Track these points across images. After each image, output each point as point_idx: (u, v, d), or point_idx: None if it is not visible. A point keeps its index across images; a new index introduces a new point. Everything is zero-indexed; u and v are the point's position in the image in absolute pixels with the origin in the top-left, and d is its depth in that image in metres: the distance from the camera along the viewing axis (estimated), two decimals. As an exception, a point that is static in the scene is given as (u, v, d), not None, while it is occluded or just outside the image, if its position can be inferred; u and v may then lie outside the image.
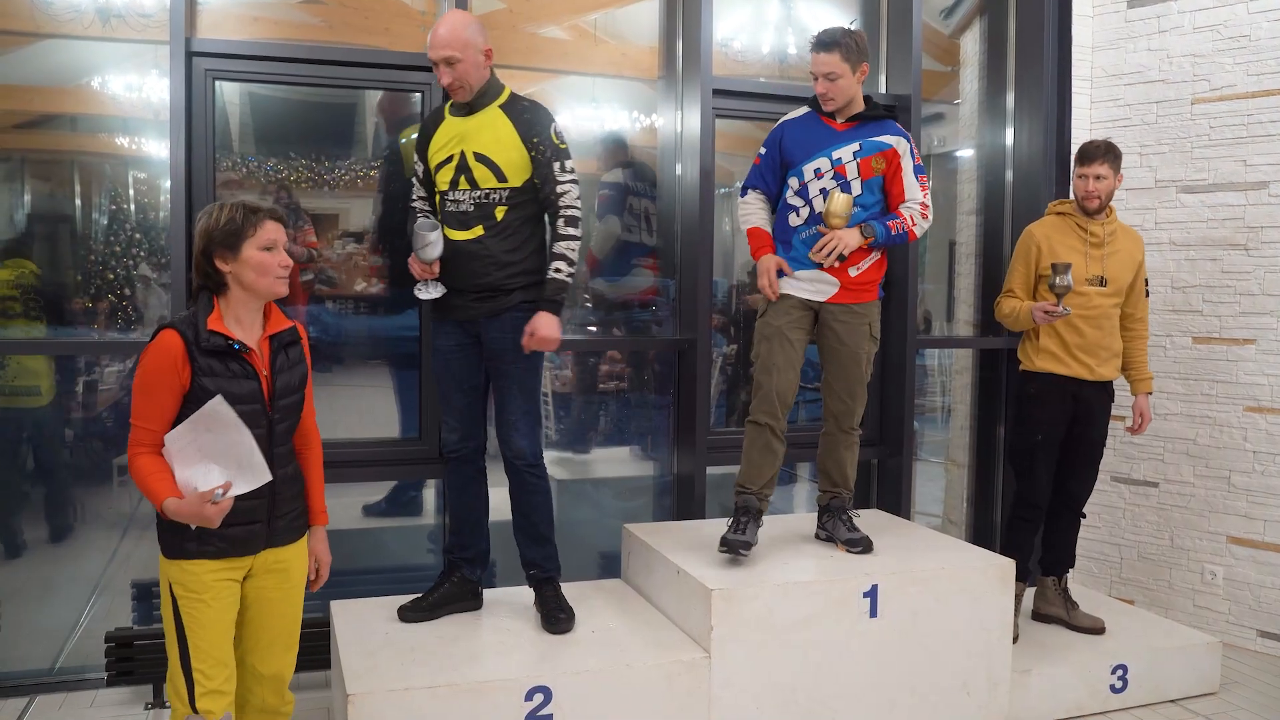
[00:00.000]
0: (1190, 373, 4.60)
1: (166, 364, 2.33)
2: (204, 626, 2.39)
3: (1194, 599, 4.62)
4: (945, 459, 5.35)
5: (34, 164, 4.09)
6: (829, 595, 3.28)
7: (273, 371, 2.48)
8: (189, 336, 2.35)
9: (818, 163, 3.45)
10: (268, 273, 2.42)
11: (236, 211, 2.42)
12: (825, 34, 3.40)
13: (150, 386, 2.35)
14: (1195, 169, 4.57)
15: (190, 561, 2.38)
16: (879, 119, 3.48)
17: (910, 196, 3.49)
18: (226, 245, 2.39)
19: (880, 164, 3.43)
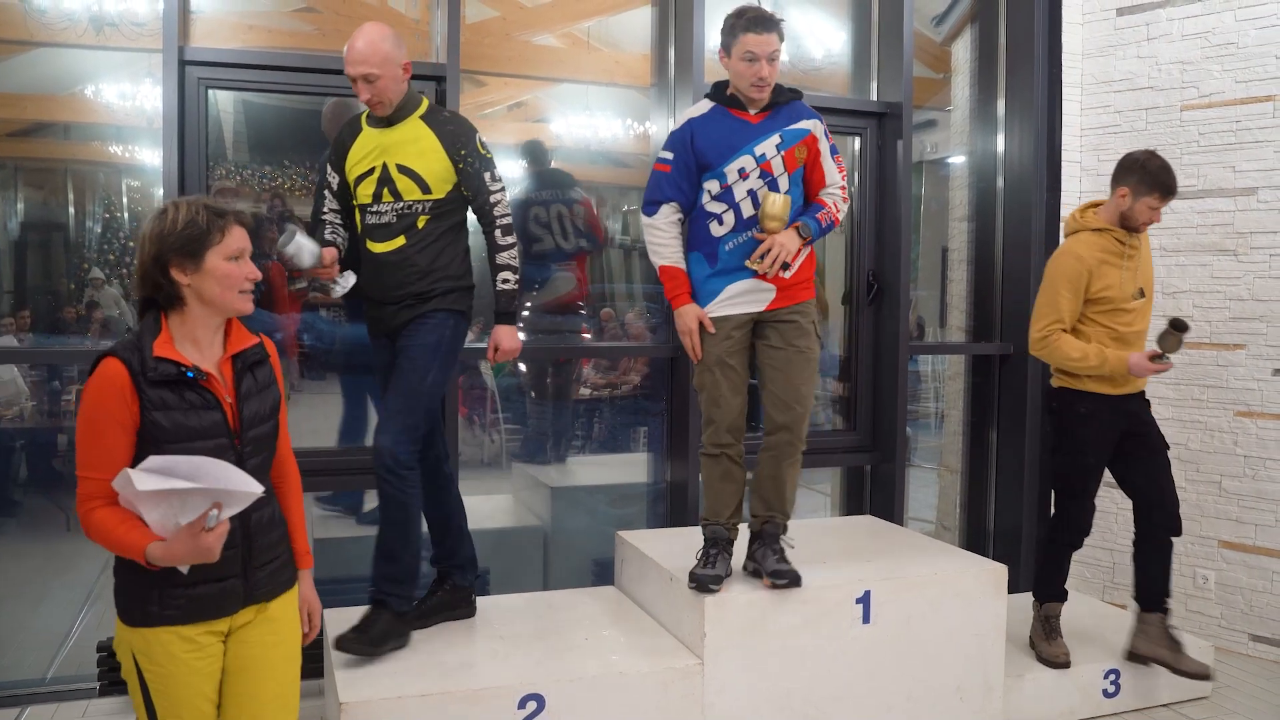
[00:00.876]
0: (1181, 378, 4.62)
1: (111, 399, 1.97)
2: (175, 702, 2.06)
3: (1186, 603, 4.63)
4: (938, 465, 5.36)
5: (27, 172, 4.10)
6: (822, 601, 3.29)
7: (238, 398, 2.11)
8: (134, 365, 1.99)
9: (740, 162, 3.09)
10: (233, 286, 2.07)
11: (199, 213, 2.06)
12: (761, 12, 3.04)
13: (96, 428, 1.98)
14: (1184, 175, 4.59)
15: (154, 629, 2.04)
16: (788, 103, 3.18)
17: (830, 181, 3.22)
18: (186, 253, 2.03)
19: (802, 153, 3.14)
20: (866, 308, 4.72)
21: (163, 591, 2.03)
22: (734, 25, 3.06)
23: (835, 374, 4.97)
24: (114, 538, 1.97)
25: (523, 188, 4.56)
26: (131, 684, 2.11)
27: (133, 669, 2.09)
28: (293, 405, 4.26)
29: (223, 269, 2.05)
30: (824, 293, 5.09)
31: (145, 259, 2.05)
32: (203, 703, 2.10)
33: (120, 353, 2.01)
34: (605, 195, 4.92)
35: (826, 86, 4.93)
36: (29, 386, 4.12)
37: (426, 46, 4.22)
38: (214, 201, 2.11)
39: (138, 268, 2.08)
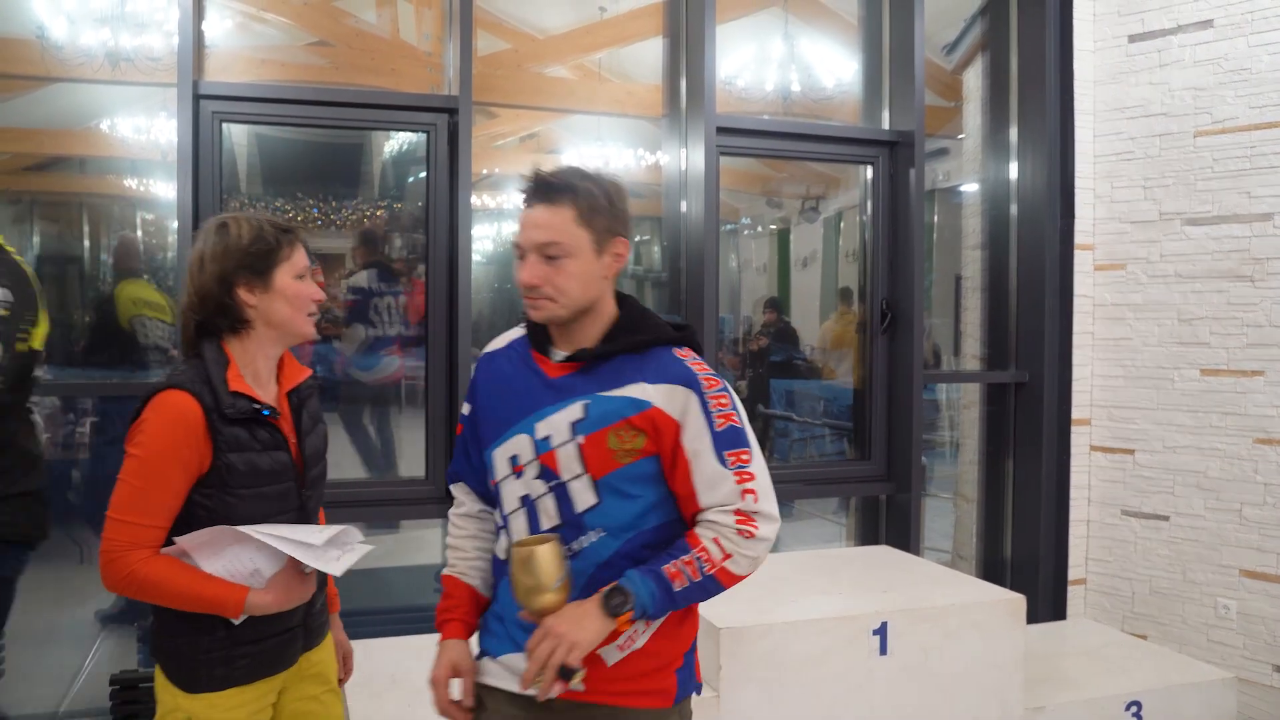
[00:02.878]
0: (1199, 405, 4.58)
1: (181, 439, 1.78)
2: None
3: (1208, 633, 4.56)
4: (954, 494, 5.32)
5: (43, 205, 4.13)
6: (838, 633, 3.25)
7: (299, 435, 1.99)
8: (206, 400, 1.81)
9: (512, 445, 1.88)
10: (302, 308, 1.93)
11: (263, 228, 1.90)
12: (542, 175, 1.84)
13: (157, 470, 1.79)
14: (1199, 201, 4.57)
15: (222, 693, 1.90)
16: (627, 350, 1.85)
17: (716, 497, 1.82)
18: (255, 270, 1.87)
19: (636, 440, 1.81)
20: (880, 336, 4.70)
21: (229, 651, 1.89)
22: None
23: (849, 403, 4.94)
24: (189, 592, 1.81)
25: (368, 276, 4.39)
26: None
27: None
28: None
29: (293, 288, 1.91)
30: (851, 311, 5.07)
31: (207, 279, 1.87)
32: None
33: (189, 387, 1.81)
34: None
35: (838, 115, 4.94)
36: (42, 419, 4.13)
37: (439, 79, 4.24)
38: (274, 216, 1.96)
39: (194, 290, 1.88)
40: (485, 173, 4.57)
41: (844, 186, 5.18)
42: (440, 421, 4.08)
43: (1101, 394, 4.91)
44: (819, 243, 5.26)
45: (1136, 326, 4.79)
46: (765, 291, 5.20)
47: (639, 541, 1.86)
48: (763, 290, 5.20)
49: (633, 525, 1.84)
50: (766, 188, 5.29)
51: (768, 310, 5.06)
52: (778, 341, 5.01)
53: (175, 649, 1.91)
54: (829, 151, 4.70)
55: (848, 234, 5.12)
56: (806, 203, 5.30)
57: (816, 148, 4.68)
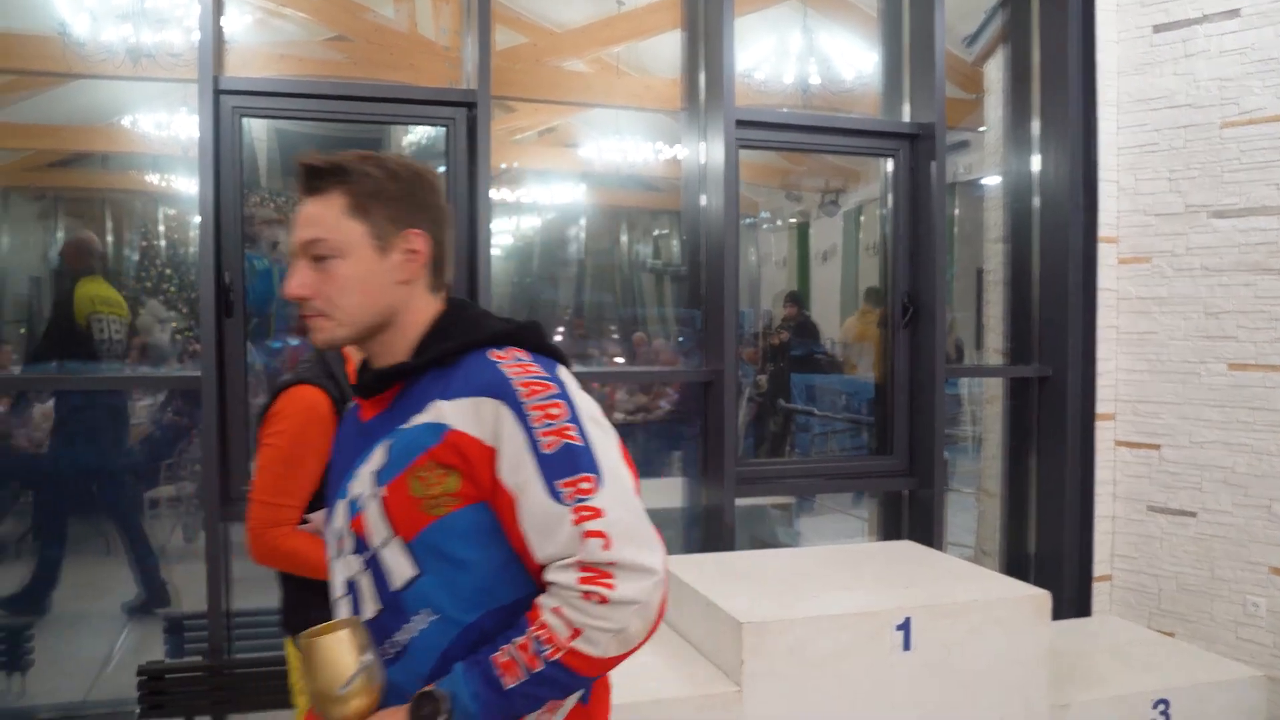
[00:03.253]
0: (1227, 400, 4.53)
1: (315, 429, 1.97)
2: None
3: (1236, 631, 4.51)
4: (977, 489, 5.28)
5: (67, 201, 4.16)
6: (861, 628, 3.23)
7: None
8: (333, 393, 2.02)
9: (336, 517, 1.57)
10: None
11: None
12: (309, 160, 1.49)
13: (294, 457, 1.98)
14: (1226, 193, 4.52)
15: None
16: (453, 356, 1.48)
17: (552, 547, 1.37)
18: None
19: (446, 481, 1.41)
20: (902, 331, 4.67)
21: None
22: None
23: (871, 397, 4.92)
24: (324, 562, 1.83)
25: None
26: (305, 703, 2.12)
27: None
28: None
29: None
30: (875, 310, 5.04)
31: None
32: None
33: (317, 381, 2.03)
34: (636, 219, 4.92)
35: (858, 108, 4.91)
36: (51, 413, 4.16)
37: (458, 73, 4.24)
38: None
39: None
40: (504, 167, 4.57)
41: (864, 180, 5.15)
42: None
43: (1126, 389, 4.87)
44: (839, 236, 5.23)
45: (1162, 320, 4.74)
46: (784, 286, 5.17)
47: (492, 624, 1.40)
48: (782, 284, 5.18)
49: (475, 602, 1.39)
50: (786, 181, 5.27)
51: (788, 304, 5.03)
52: (798, 336, 4.99)
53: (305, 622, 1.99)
54: (849, 144, 4.67)
55: (868, 227, 5.09)
56: (826, 196, 5.27)
57: (836, 140, 4.65)
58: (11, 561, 4.03)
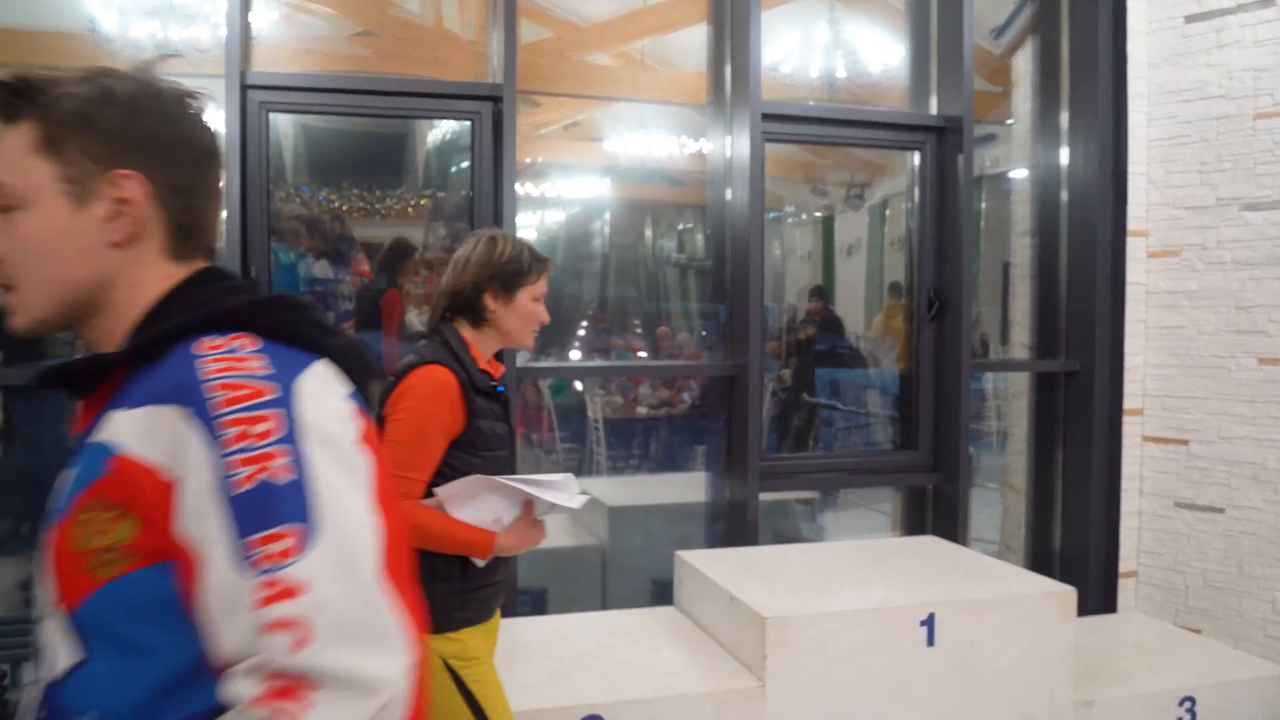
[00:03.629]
0: (1257, 395, 4.47)
1: (443, 407, 2.14)
2: (494, 694, 2.26)
3: (1265, 629, 4.46)
4: (1002, 484, 5.25)
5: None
6: (885, 624, 3.22)
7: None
8: (461, 375, 2.18)
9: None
10: (530, 325, 2.31)
11: (523, 251, 2.28)
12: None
13: (423, 432, 2.13)
14: (1258, 185, 4.46)
15: (464, 630, 2.23)
16: (161, 346, 1.02)
17: (233, 640, 0.88)
18: (503, 285, 2.26)
19: (117, 529, 0.96)
20: (928, 325, 4.64)
21: (462, 597, 2.20)
22: None
23: (896, 392, 4.89)
24: (449, 535, 2.11)
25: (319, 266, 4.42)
26: (447, 693, 2.18)
27: (446, 678, 2.19)
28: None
29: (528, 307, 2.28)
30: (900, 304, 5.02)
31: (464, 279, 2.26)
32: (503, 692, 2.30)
33: (446, 363, 2.18)
34: (661, 214, 4.91)
35: (885, 101, 4.88)
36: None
37: (484, 68, 4.25)
38: (534, 246, 2.31)
39: (453, 283, 2.27)
40: (529, 161, 4.57)
41: (889, 173, 5.12)
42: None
43: (1155, 383, 4.82)
44: (864, 230, 5.20)
45: (1191, 314, 4.69)
46: (809, 280, 5.15)
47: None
48: (806, 279, 5.16)
49: (155, 707, 0.94)
50: (810, 175, 5.25)
51: (813, 299, 5.01)
52: (822, 330, 4.97)
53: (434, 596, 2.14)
54: (875, 138, 4.64)
55: (893, 221, 5.06)
56: (851, 190, 5.24)
57: (863, 134, 4.62)
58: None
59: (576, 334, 4.65)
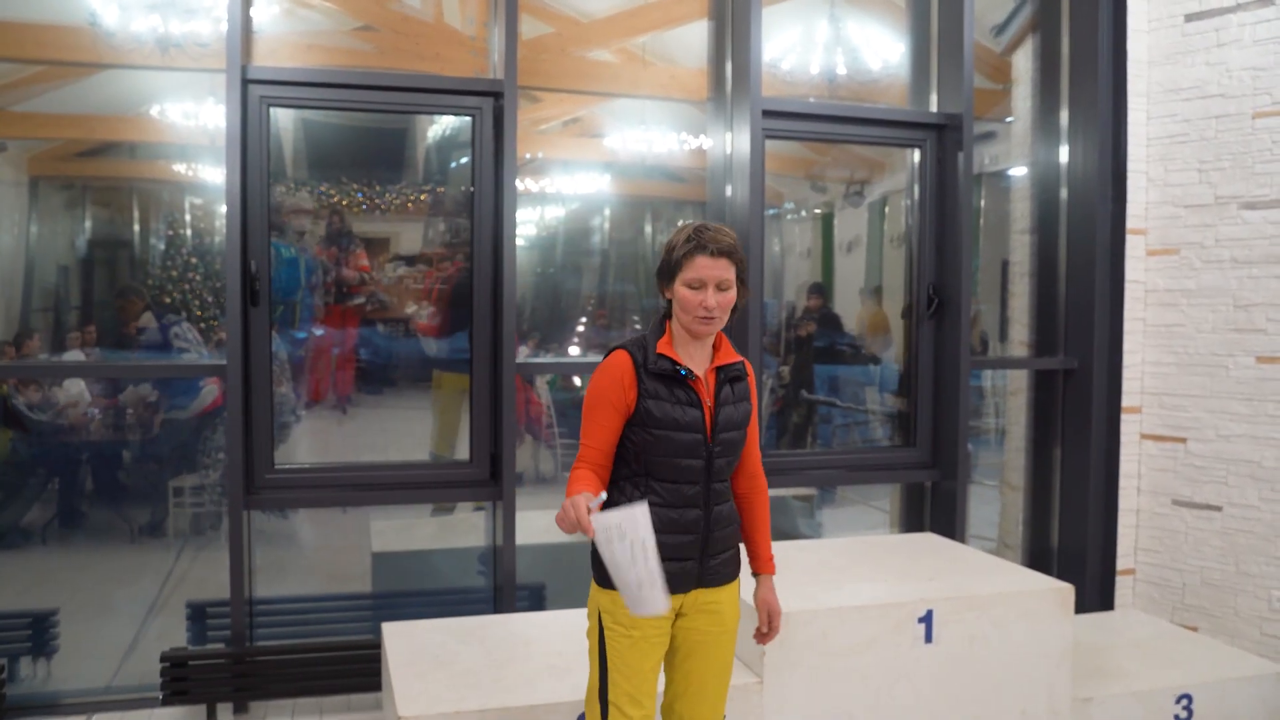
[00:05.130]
0: (1255, 393, 4.48)
1: (613, 383, 2.30)
2: (627, 662, 2.31)
3: (1261, 626, 4.47)
4: (1000, 481, 5.25)
5: (95, 191, 4.18)
6: (884, 620, 3.22)
7: (716, 403, 2.37)
8: (638, 358, 2.32)
9: None
10: (690, 310, 2.29)
11: (679, 241, 2.31)
12: None
13: (596, 405, 2.31)
14: (1257, 184, 4.46)
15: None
16: None
17: None
18: (665, 273, 2.34)
19: None
20: (927, 322, 4.65)
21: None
22: None
23: (894, 389, 4.90)
24: (571, 486, 2.25)
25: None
26: (591, 643, 2.39)
27: (595, 626, 2.37)
28: (349, 420, 4.30)
29: (681, 293, 2.29)
30: (882, 307, 5.03)
31: (657, 273, 2.39)
32: (649, 670, 2.35)
33: (628, 348, 2.34)
34: (661, 210, 4.91)
35: (885, 98, 4.87)
36: (93, 399, 4.20)
37: (484, 63, 4.24)
38: (703, 228, 2.30)
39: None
40: (529, 157, 4.56)
41: (889, 171, 5.11)
42: (484, 404, 4.10)
43: (1153, 381, 4.83)
44: (863, 228, 5.20)
45: (1190, 313, 4.69)
46: (809, 276, 5.15)
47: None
48: (806, 275, 5.15)
49: None
50: (810, 172, 5.24)
51: (812, 296, 5.01)
52: (822, 327, 4.97)
53: (595, 553, 2.31)
54: (876, 135, 4.65)
55: (892, 219, 5.06)
56: (851, 187, 5.24)
57: (863, 131, 4.63)
58: (36, 547, 4.08)
59: (576, 329, 4.64)
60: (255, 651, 3.78)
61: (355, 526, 4.35)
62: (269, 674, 3.77)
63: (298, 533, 4.36)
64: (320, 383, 4.30)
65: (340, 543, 4.39)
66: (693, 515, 2.34)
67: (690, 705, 2.44)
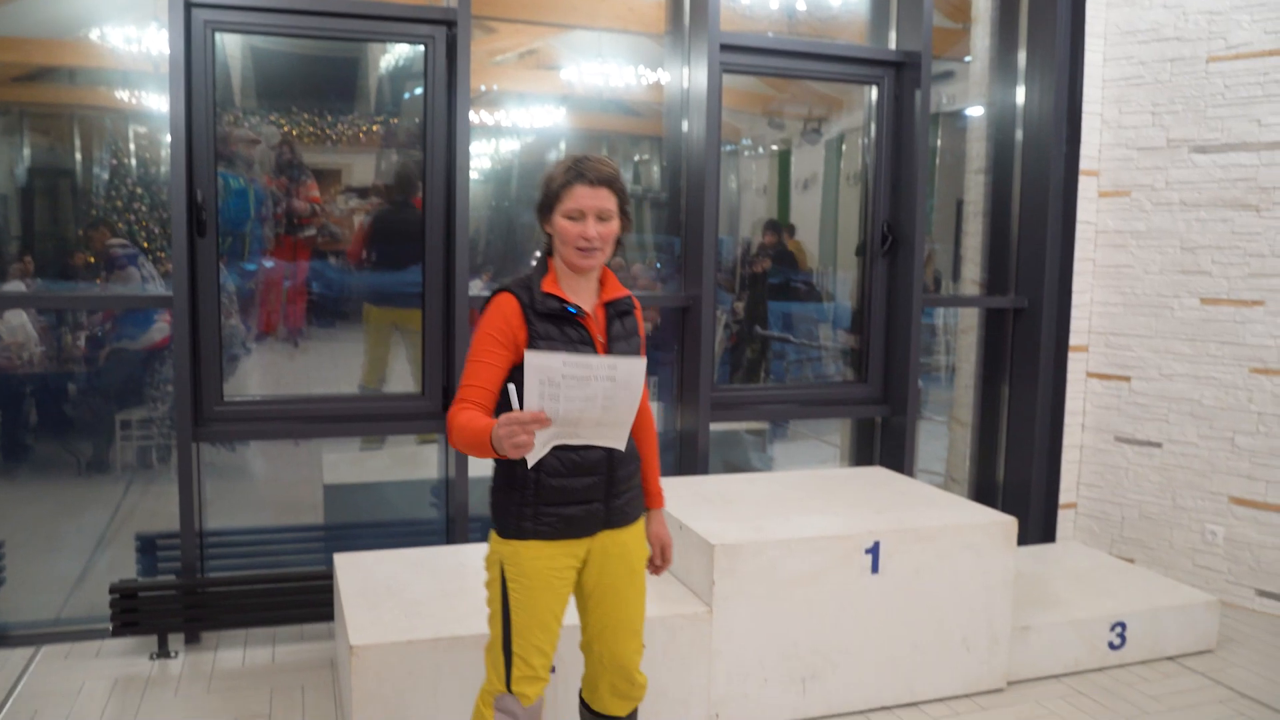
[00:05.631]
0: (1197, 334, 4.58)
1: (502, 322, 2.20)
2: (531, 612, 2.26)
3: (1194, 558, 4.63)
4: (949, 417, 5.34)
5: (33, 117, 4.06)
6: (832, 551, 3.29)
7: (608, 339, 2.30)
8: (524, 299, 2.22)
9: None
10: (570, 242, 2.21)
11: (557, 172, 2.24)
12: None
13: (483, 345, 2.21)
14: (1208, 128, 4.51)
15: (525, 543, 2.25)
16: None
17: None
18: (544, 207, 2.26)
19: None
20: (881, 259, 4.68)
21: (537, 510, 2.24)
22: None
23: (847, 326, 4.94)
24: (471, 426, 2.09)
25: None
26: (493, 593, 2.32)
27: (498, 578, 2.30)
28: (300, 353, 4.26)
29: (561, 226, 2.22)
30: (837, 244, 5.05)
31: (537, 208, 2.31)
32: (551, 618, 2.30)
33: (512, 288, 2.25)
34: (617, 144, 4.87)
35: (844, 35, 4.84)
36: (37, 333, 4.12)
37: (437, -10, 4.15)
38: (582, 159, 2.23)
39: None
40: (483, 89, 4.49)
41: (846, 108, 5.10)
42: (436, 339, 4.07)
43: (1100, 321, 4.91)
44: (820, 165, 5.19)
45: (1138, 254, 4.77)
46: (765, 213, 5.15)
47: None
48: (762, 212, 5.15)
49: None
50: (768, 108, 5.21)
51: (768, 233, 5.01)
52: (776, 264, 4.99)
53: (497, 501, 2.30)
54: (834, 71, 4.62)
55: (849, 157, 5.05)
56: (808, 124, 5.22)
57: (822, 67, 4.60)
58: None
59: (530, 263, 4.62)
60: (207, 582, 3.77)
61: (307, 459, 4.34)
62: (220, 604, 3.77)
63: (249, 466, 4.34)
64: (271, 315, 4.24)
65: (292, 476, 4.37)
66: (596, 455, 2.25)
67: (608, 644, 2.42)
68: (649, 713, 3.11)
